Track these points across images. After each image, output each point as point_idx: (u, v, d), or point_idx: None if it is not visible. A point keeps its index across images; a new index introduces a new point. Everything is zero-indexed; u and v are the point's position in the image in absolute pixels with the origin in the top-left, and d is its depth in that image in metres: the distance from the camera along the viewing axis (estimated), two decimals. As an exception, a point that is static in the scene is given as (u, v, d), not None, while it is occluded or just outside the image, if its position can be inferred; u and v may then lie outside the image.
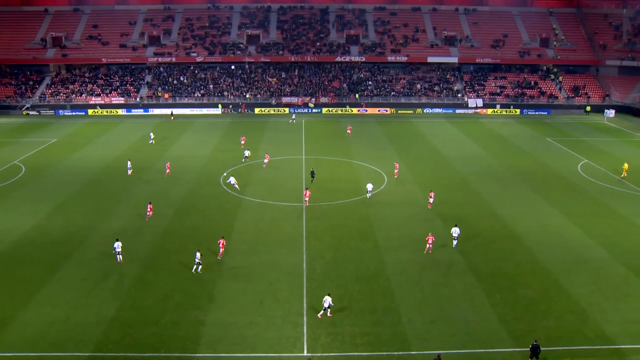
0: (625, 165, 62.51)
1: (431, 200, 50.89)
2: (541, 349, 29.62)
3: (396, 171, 60.36)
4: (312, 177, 57.57)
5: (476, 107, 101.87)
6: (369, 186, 52.98)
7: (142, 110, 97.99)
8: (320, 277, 38.18)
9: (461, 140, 79.15)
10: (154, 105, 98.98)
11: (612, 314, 34.25)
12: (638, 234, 46.29)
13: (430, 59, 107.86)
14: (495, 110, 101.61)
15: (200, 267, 38.54)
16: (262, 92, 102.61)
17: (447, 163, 66.23)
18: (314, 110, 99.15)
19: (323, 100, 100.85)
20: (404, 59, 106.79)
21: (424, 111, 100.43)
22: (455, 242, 42.85)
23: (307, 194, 51.10)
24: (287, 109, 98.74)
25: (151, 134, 76.67)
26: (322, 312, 33.52)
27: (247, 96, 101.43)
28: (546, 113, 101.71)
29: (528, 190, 57.12)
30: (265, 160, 63.77)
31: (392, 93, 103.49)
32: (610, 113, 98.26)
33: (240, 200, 52.71)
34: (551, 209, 51.51)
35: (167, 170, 60.53)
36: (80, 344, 30.91)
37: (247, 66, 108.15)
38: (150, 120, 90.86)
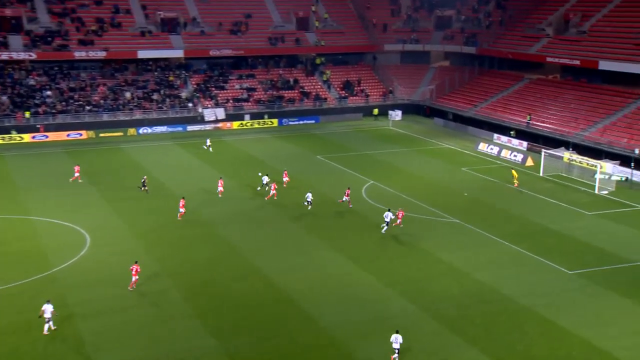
0: (515, 173, 72.58)
1: (347, 197, 64.23)
2: None
3: (181, 210, 61.01)
4: (144, 186, 69.28)
5: (216, 121, 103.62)
6: (308, 195, 63.62)
7: None
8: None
9: (197, 168, 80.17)
10: None
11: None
12: (446, 274, 49.64)
13: (142, 54, 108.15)
14: (244, 122, 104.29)
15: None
16: None
17: (176, 204, 65.28)
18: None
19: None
20: (102, 54, 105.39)
21: (140, 132, 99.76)
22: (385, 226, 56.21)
23: (182, 203, 61.40)
24: None
25: (208, 141, 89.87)
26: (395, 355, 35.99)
27: None
28: (313, 122, 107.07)
29: (298, 230, 58.98)
30: (286, 179, 71.59)
31: (88, 107, 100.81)
32: (397, 115, 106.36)
33: None
34: (332, 253, 53.44)
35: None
36: None
37: None
38: None
